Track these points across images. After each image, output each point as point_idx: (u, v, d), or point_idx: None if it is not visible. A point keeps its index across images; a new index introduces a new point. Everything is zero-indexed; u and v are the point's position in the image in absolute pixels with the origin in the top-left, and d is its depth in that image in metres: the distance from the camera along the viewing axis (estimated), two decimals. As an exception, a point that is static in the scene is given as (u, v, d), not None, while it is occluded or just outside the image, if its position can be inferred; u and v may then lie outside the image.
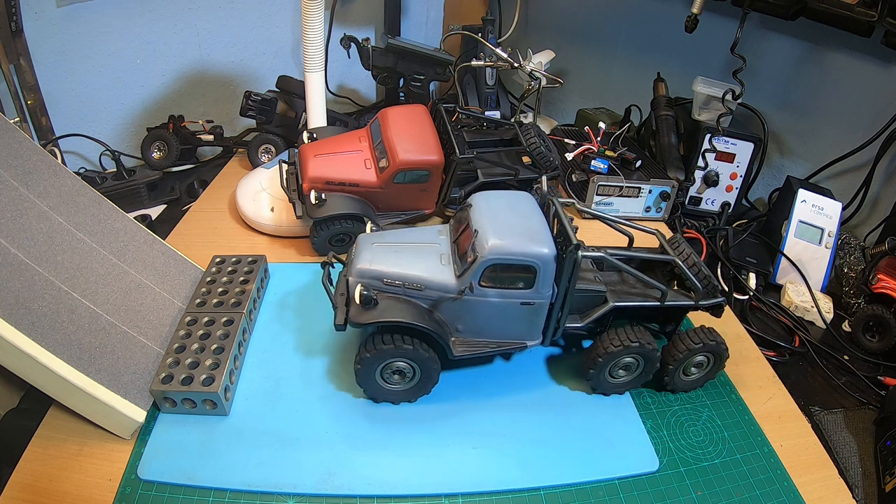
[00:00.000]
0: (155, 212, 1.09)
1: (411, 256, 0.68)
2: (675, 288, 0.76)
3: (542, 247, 0.64)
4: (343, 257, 0.75)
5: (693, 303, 0.73)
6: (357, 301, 0.65)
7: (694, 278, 0.72)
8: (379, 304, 0.65)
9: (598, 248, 0.72)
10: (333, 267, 0.73)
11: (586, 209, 0.78)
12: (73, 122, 1.15)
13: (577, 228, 0.71)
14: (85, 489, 0.60)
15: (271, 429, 0.67)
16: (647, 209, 1.15)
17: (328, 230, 0.92)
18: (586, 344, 0.82)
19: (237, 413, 0.69)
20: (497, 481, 0.64)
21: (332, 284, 0.72)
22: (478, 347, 0.68)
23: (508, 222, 0.66)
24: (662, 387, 0.76)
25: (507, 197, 0.72)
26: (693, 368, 0.75)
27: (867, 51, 1.07)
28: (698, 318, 0.81)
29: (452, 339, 0.68)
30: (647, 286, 0.72)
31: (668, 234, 1.11)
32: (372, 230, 0.74)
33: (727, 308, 0.94)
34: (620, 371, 0.73)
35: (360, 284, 0.65)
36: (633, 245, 0.80)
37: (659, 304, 0.72)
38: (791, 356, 0.88)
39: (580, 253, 0.63)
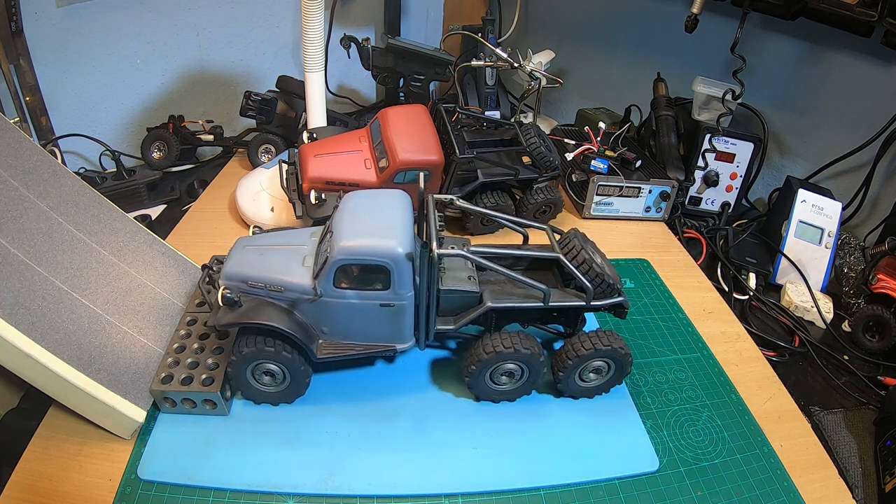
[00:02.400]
0: (155, 212, 1.09)
1: (274, 259, 0.67)
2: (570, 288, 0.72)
3: (393, 246, 0.61)
4: None
5: (583, 303, 0.69)
6: (220, 303, 0.64)
7: (582, 277, 0.68)
8: (242, 305, 0.64)
9: (463, 246, 0.69)
10: (214, 270, 0.72)
11: (465, 206, 0.75)
12: (73, 122, 1.15)
13: (443, 227, 0.68)
14: (85, 489, 0.60)
15: (271, 429, 0.67)
16: (647, 209, 1.15)
17: (328, 230, 0.92)
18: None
19: (237, 413, 0.69)
20: (497, 481, 0.64)
21: (215, 288, 0.70)
22: (343, 350, 0.67)
23: (366, 222, 0.64)
24: (558, 391, 0.74)
25: (376, 196, 0.69)
26: (591, 374, 0.72)
27: (867, 51, 1.07)
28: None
29: (320, 341, 0.67)
30: (529, 287, 0.68)
31: (669, 232, 1.13)
32: (254, 233, 0.74)
33: (727, 308, 0.94)
34: (503, 378, 0.71)
35: (224, 287, 0.65)
36: (530, 243, 0.77)
37: (542, 305, 0.68)
38: (791, 356, 0.89)
39: (435, 252, 0.61)
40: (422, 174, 0.73)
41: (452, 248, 0.65)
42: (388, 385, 0.74)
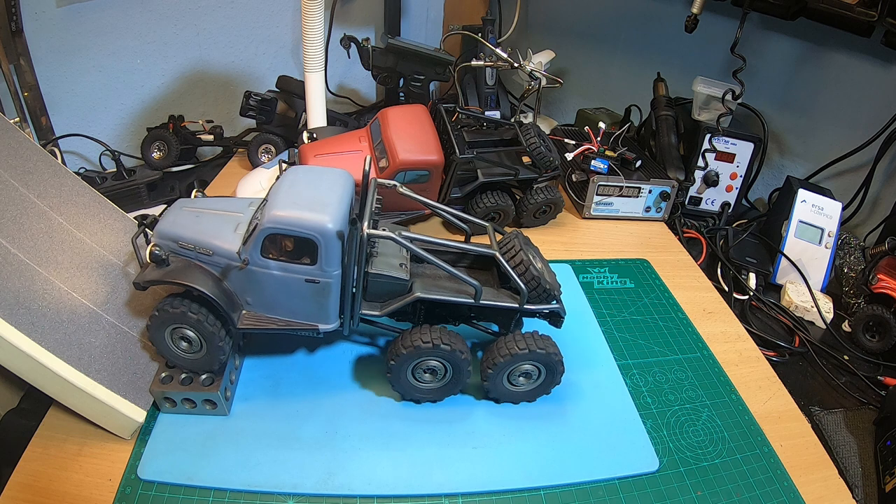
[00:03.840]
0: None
1: (209, 222, 0.65)
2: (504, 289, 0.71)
3: (324, 220, 0.60)
4: None
5: (516, 305, 0.68)
6: (147, 259, 0.63)
7: (517, 278, 0.66)
8: (170, 265, 0.63)
9: (392, 229, 0.66)
10: (149, 227, 0.70)
11: (407, 193, 0.73)
12: (73, 122, 1.15)
13: (380, 207, 0.67)
14: (85, 489, 0.60)
15: (271, 429, 0.67)
16: (647, 209, 1.15)
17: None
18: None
19: (237, 413, 0.69)
20: (497, 481, 0.64)
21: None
22: (265, 323, 0.66)
23: (303, 194, 0.62)
24: (485, 395, 0.72)
25: (319, 172, 0.68)
26: (521, 378, 0.71)
27: (867, 51, 1.07)
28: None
29: (243, 311, 0.66)
30: (462, 281, 0.66)
31: (669, 232, 1.13)
32: (195, 196, 0.72)
33: (727, 308, 0.94)
34: (426, 375, 0.69)
35: (154, 244, 0.64)
36: (471, 240, 0.76)
37: (472, 302, 0.66)
38: (791, 356, 0.89)
39: (365, 231, 0.60)
40: (367, 158, 0.71)
41: (384, 230, 0.63)
42: (388, 385, 0.74)
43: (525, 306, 0.68)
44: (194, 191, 0.73)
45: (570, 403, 0.74)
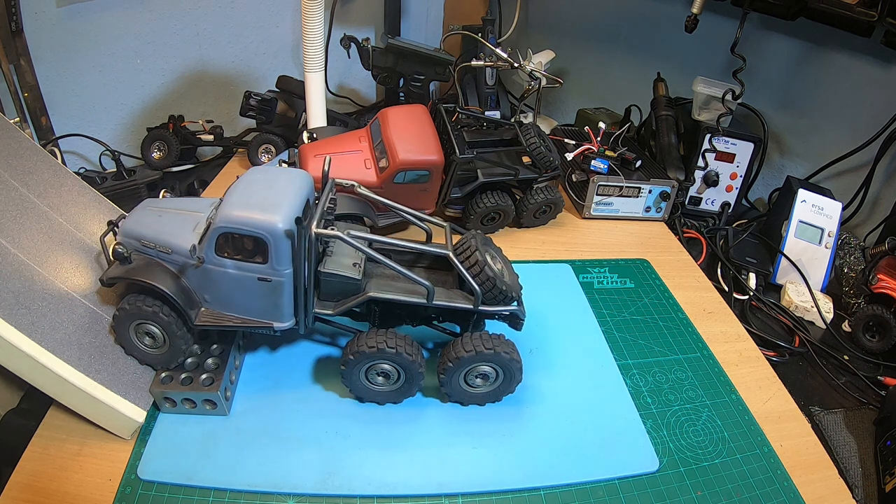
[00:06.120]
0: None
1: (170, 222, 0.67)
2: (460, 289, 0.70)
3: (273, 220, 0.60)
4: None
5: (470, 306, 0.68)
6: (111, 256, 0.65)
7: (470, 279, 0.66)
8: (132, 262, 0.65)
9: (342, 229, 0.66)
10: (118, 227, 0.71)
11: (365, 193, 0.74)
12: (73, 122, 1.15)
13: (333, 209, 0.68)
14: (85, 489, 0.60)
15: (271, 429, 0.67)
16: (647, 209, 1.15)
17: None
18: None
19: (237, 413, 0.69)
20: (497, 481, 0.64)
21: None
22: (222, 321, 0.67)
23: (257, 194, 0.63)
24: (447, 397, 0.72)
25: (276, 173, 0.68)
26: (478, 379, 0.70)
27: (867, 51, 1.07)
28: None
29: (202, 308, 0.67)
30: (413, 282, 0.66)
31: (669, 232, 1.13)
32: (163, 196, 0.73)
33: (727, 308, 0.94)
34: (379, 378, 0.69)
35: (117, 241, 0.65)
36: (433, 241, 0.75)
37: (425, 302, 0.66)
38: (791, 356, 0.89)
39: (313, 230, 0.60)
40: (327, 158, 0.71)
41: (332, 229, 0.64)
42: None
43: (480, 307, 0.68)
44: (163, 191, 0.74)
45: (569, 403, 0.74)
